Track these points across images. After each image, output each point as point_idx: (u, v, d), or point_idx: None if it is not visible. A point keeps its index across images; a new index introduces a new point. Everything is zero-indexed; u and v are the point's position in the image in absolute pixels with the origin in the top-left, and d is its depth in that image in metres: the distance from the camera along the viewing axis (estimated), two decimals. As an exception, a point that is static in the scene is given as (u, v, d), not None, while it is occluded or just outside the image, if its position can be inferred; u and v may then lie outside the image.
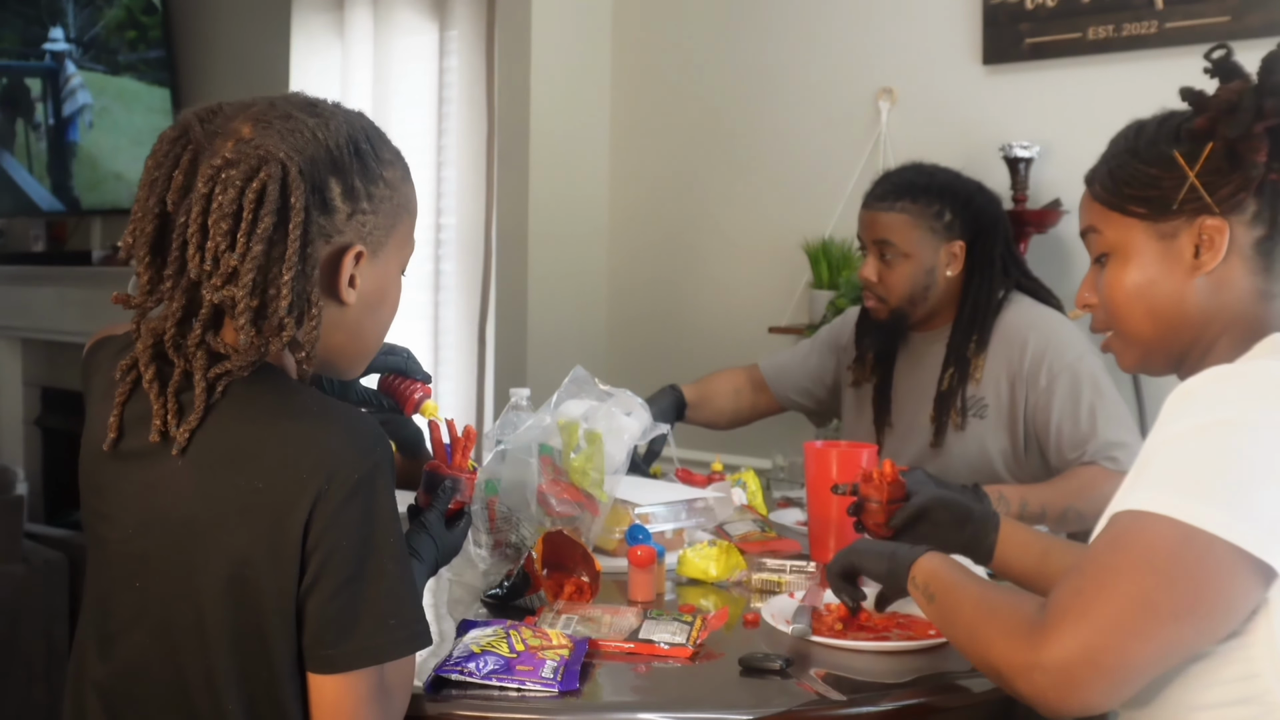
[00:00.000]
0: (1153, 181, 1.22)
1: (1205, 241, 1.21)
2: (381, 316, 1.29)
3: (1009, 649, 1.10)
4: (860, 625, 1.54)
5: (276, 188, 1.15)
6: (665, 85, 3.54)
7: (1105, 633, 1.04)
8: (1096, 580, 1.06)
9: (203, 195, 1.15)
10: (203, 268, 1.15)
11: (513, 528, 1.74)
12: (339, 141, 1.21)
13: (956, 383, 2.17)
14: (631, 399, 1.88)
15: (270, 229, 1.14)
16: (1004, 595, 1.20)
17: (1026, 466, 2.15)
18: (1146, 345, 1.27)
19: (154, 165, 1.21)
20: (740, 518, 2.03)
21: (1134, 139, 1.26)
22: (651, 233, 3.59)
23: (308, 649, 1.14)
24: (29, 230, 5.72)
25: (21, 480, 5.19)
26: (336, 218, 1.20)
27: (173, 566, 1.17)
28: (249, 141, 1.17)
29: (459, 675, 1.33)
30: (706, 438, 3.10)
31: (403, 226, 1.28)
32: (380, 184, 1.24)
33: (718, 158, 3.42)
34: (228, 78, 4.80)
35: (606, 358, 3.66)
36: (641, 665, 1.44)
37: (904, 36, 3.02)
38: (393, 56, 3.96)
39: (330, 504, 1.12)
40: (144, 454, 1.19)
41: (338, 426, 1.15)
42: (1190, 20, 2.55)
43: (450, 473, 1.46)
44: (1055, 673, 1.05)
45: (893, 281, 2.18)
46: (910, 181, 2.18)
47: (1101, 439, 2.04)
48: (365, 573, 1.13)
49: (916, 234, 2.16)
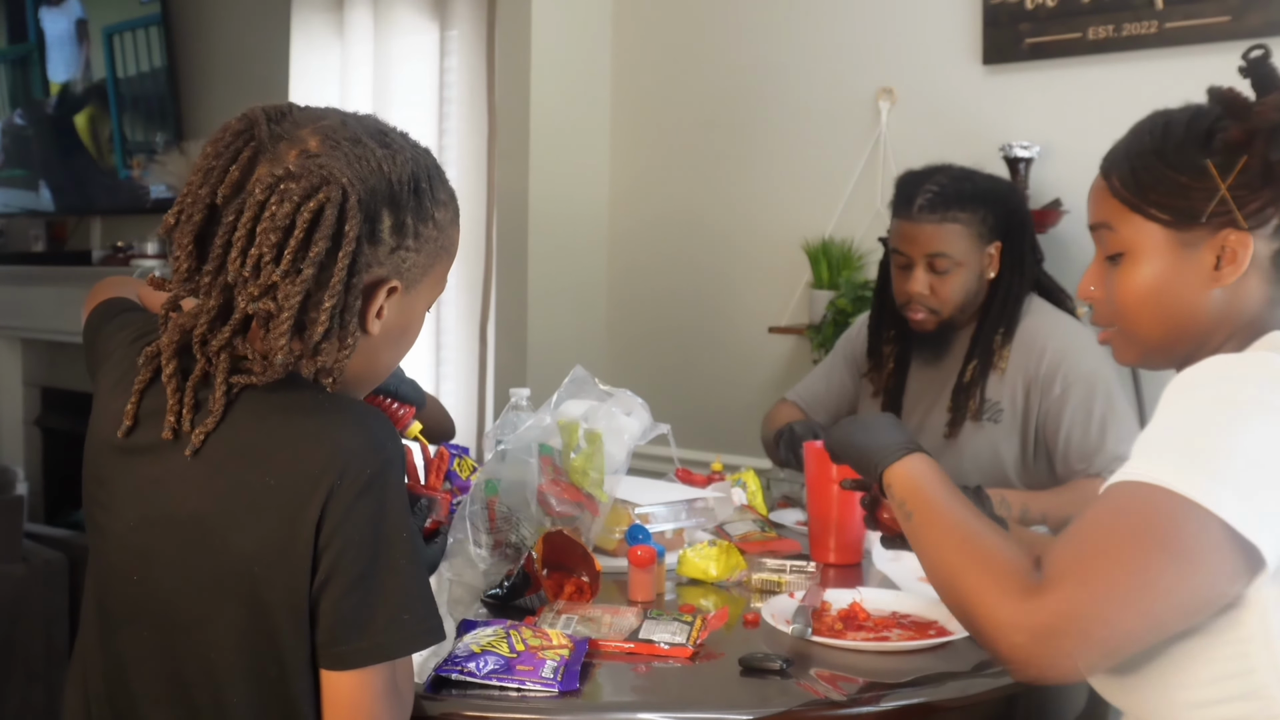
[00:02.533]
0: (1181, 190, 1.19)
1: (1228, 255, 1.18)
2: (400, 349, 1.28)
3: (996, 604, 1.08)
4: (860, 625, 1.54)
5: (335, 212, 1.13)
6: (665, 85, 3.54)
7: (1099, 602, 1.04)
8: (1096, 548, 1.05)
9: (257, 201, 1.14)
10: (242, 273, 1.13)
11: (513, 528, 1.74)
12: (402, 177, 1.20)
13: (979, 374, 2.17)
14: (632, 399, 1.88)
15: (322, 254, 1.13)
16: (994, 538, 1.15)
17: (1035, 474, 2.15)
18: (1151, 346, 1.26)
19: (213, 154, 1.18)
20: (740, 518, 2.04)
21: (1161, 139, 1.22)
22: (651, 232, 3.59)
23: (321, 646, 1.14)
24: (29, 230, 5.72)
25: (21, 480, 5.19)
26: (380, 250, 1.18)
27: (177, 563, 1.16)
28: (314, 157, 1.16)
29: (459, 675, 1.33)
30: (706, 438, 3.11)
31: (440, 267, 1.27)
32: (430, 224, 1.23)
33: (718, 157, 3.42)
34: (227, 77, 4.79)
35: (606, 358, 3.66)
36: (641, 665, 1.44)
37: (904, 36, 3.02)
38: (393, 56, 3.96)
39: (343, 500, 1.11)
40: (151, 449, 1.18)
41: (349, 422, 1.15)
42: (1190, 20, 2.55)
43: (425, 493, 1.45)
44: (1043, 636, 1.04)
45: (947, 293, 2.16)
46: (958, 190, 2.15)
47: (1109, 452, 2.04)
48: (379, 569, 1.13)
49: (968, 243, 2.14)
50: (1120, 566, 1.04)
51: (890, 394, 2.30)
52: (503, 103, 3.62)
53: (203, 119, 4.78)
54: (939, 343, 2.24)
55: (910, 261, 2.17)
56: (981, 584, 1.10)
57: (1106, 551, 1.05)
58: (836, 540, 1.88)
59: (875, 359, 2.34)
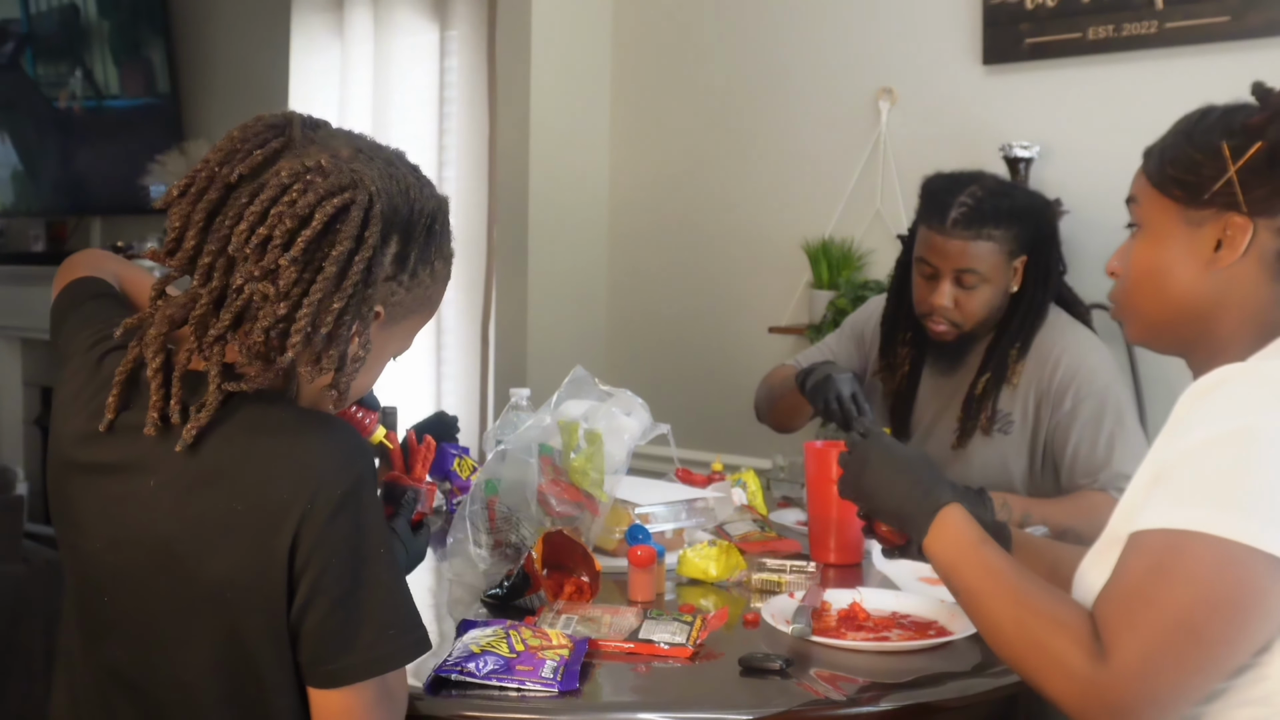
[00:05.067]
0: (1194, 167, 1.21)
1: (1228, 238, 1.19)
2: (364, 381, 1.24)
3: (1067, 678, 1.08)
4: (860, 625, 1.54)
5: (360, 214, 1.11)
6: (665, 85, 3.54)
7: (1162, 667, 1.04)
8: (1147, 607, 1.05)
9: (280, 184, 1.11)
10: (244, 249, 1.09)
11: (513, 528, 1.74)
12: (424, 209, 1.19)
13: (991, 387, 2.14)
14: (631, 399, 1.88)
15: (345, 255, 1.10)
16: (1047, 601, 1.15)
17: (1041, 485, 2.14)
18: (1150, 323, 1.26)
19: (240, 138, 1.15)
20: (740, 518, 2.03)
21: (1196, 122, 1.24)
22: (651, 232, 3.59)
23: (307, 666, 1.12)
24: (29, 230, 5.72)
25: (21, 480, 5.18)
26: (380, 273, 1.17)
27: (149, 585, 1.14)
28: (346, 161, 1.14)
29: (459, 675, 1.33)
30: (706, 438, 3.11)
31: (418, 318, 1.25)
32: (428, 270, 1.21)
33: (718, 158, 3.42)
34: (227, 78, 4.79)
35: (606, 358, 3.66)
36: (641, 665, 1.44)
37: (904, 36, 3.02)
38: (393, 56, 3.96)
39: (317, 522, 1.09)
40: (116, 467, 1.15)
41: (316, 441, 1.12)
42: (1190, 20, 2.55)
43: (410, 484, 1.44)
44: (1120, 711, 1.05)
45: (973, 308, 2.11)
46: (995, 207, 2.08)
47: (1115, 469, 2.03)
48: (361, 586, 1.11)
49: (998, 259, 2.09)
50: (1193, 635, 1.04)
51: (901, 397, 2.27)
52: (503, 103, 3.62)
53: (203, 120, 4.79)
54: (955, 353, 2.20)
55: (937, 273, 2.11)
56: (1047, 657, 1.10)
57: (1157, 612, 1.05)
58: (836, 540, 1.88)
59: (889, 359, 2.30)
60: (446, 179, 3.87)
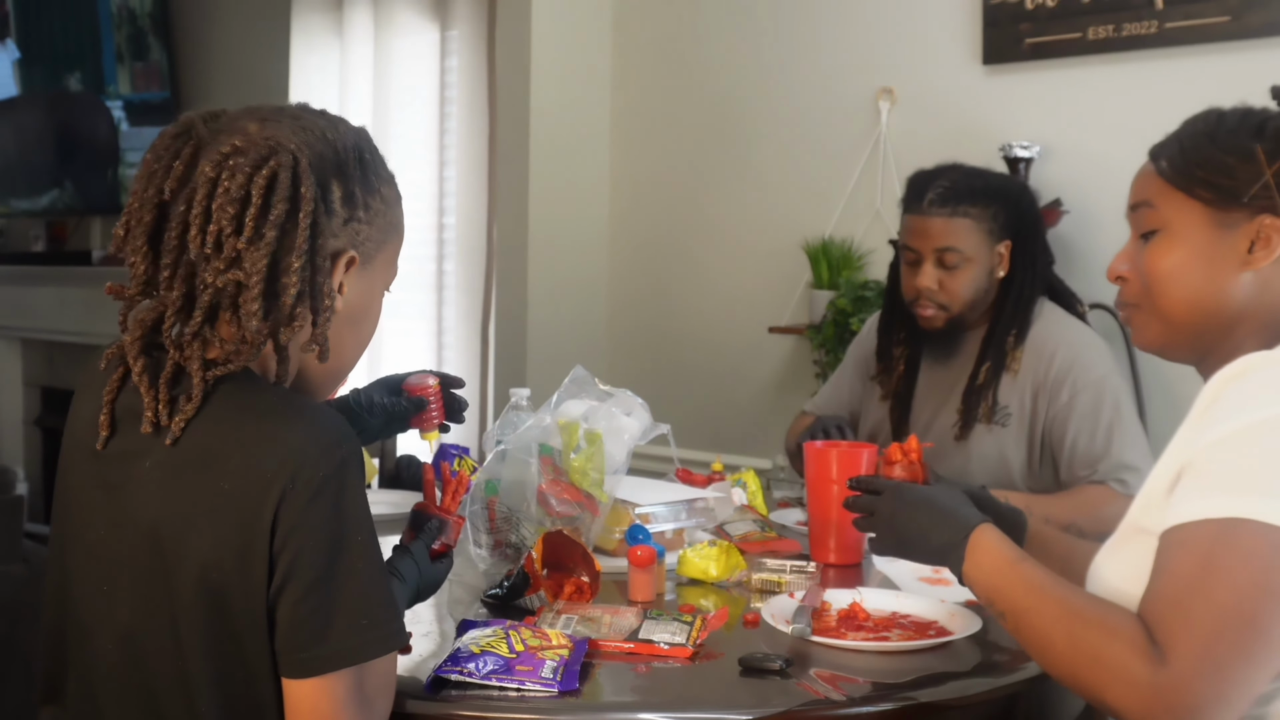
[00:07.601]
0: (1227, 170, 1.21)
1: (1262, 239, 1.19)
2: (361, 332, 1.28)
3: (1127, 687, 1.06)
4: (860, 625, 1.54)
5: (288, 175, 1.15)
6: (665, 85, 3.54)
7: (1224, 662, 1.03)
8: (1200, 601, 1.04)
9: (208, 179, 1.14)
10: (204, 250, 1.13)
11: (513, 528, 1.74)
12: (345, 145, 1.21)
13: (992, 375, 2.16)
14: (631, 399, 1.88)
15: (283, 216, 1.14)
16: (1094, 604, 1.14)
17: (1040, 479, 2.15)
18: (1172, 326, 1.25)
19: (153, 159, 1.20)
20: (740, 518, 2.03)
21: (1214, 125, 1.24)
22: (651, 232, 3.59)
23: (280, 653, 1.12)
24: (29, 230, 5.72)
25: (21, 480, 5.19)
26: (334, 221, 1.20)
27: (143, 571, 1.15)
28: (258, 133, 1.17)
29: (459, 675, 1.33)
30: (706, 438, 3.11)
31: (391, 245, 1.28)
32: (377, 197, 1.24)
33: (718, 157, 3.42)
34: (227, 78, 4.80)
35: (606, 358, 3.66)
36: (641, 665, 1.44)
37: (904, 36, 3.02)
38: (393, 56, 3.96)
39: (296, 504, 1.10)
40: (118, 456, 1.18)
41: (301, 424, 1.13)
42: (1190, 20, 2.55)
43: (437, 514, 1.44)
44: (1183, 713, 1.04)
45: (956, 288, 2.15)
46: (969, 186, 2.15)
47: (1114, 459, 2.04)
48: (336, 573, 1.11)
49: (978, 238, 2.14)
50: (1253, 625, 1.03)
51: (900, 396, 2.29)
52: (503, 103, 3.62)
53: (203, 119, 4.78)
54: (949, 342, 2.23)
55: (920, 257, 2.17)
56: (1104, 668, 1.09)
57: (1235, 609, 1.03)
58: (836, 540, 1.88)
59: (885, 361, 2.33)
60: (447, 179, 3.88)
